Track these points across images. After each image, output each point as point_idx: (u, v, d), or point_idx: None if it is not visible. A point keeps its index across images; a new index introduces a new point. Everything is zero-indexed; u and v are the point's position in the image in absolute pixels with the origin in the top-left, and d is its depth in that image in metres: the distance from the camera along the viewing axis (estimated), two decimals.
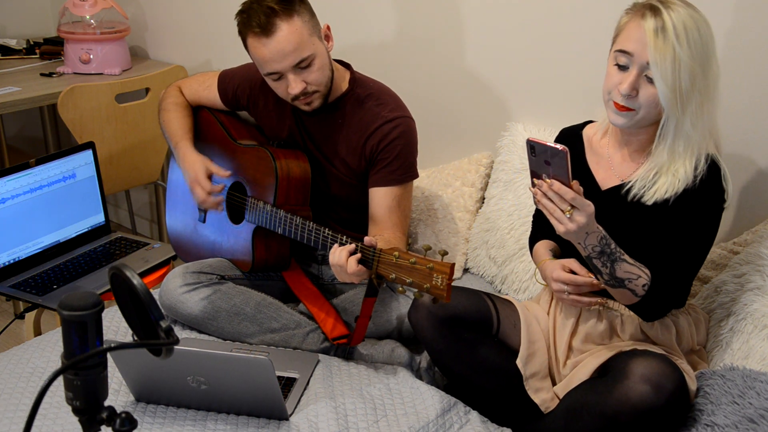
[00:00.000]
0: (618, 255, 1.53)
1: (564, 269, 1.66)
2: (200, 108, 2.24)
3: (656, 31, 1.48)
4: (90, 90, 2.67)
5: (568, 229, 1.48)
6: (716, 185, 1.56)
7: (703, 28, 1.50)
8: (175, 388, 1.63)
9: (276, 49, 1.81)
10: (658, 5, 1.50)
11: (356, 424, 1.65)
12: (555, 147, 1.41)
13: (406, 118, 1.97)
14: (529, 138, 1.45)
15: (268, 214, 1.95)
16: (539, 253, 1.81)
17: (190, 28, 3.21)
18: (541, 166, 1.46)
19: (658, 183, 1.58)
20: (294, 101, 1.91)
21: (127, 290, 0.94)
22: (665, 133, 1.55)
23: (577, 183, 1.47)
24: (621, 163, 1.68)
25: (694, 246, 1.58)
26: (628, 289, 1.56)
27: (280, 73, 1.85)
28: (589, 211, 1.47)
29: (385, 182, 1.95)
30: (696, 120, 1.52)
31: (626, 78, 1.53)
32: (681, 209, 1.57)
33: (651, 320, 1.65)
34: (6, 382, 1.74)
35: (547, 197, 1.48)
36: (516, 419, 1.75)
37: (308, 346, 1.93)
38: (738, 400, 1.49)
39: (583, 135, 1.78)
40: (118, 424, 0.89)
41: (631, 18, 1.55)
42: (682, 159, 1.56)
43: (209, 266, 2.02)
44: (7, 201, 2.21)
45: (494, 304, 1.79)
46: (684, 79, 1.48)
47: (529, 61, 2.28)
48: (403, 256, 1.58)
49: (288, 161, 1.98)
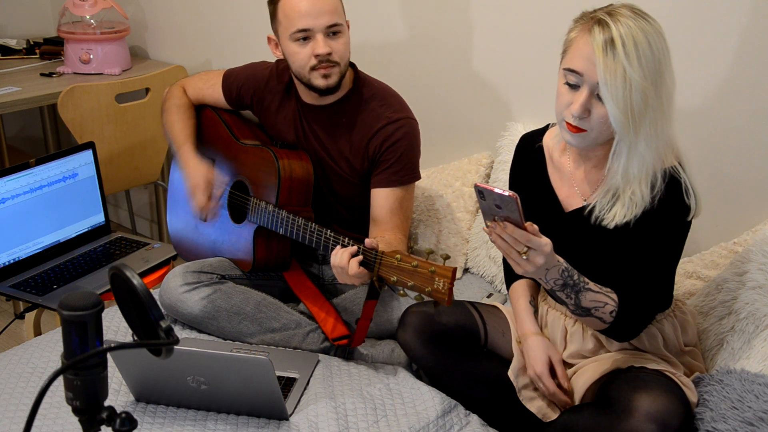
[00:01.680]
0: (582, 285, 1.48)
1: (549, 368, 1.64)
2: (204, 107, 2.23)
3: (605, 47, 1.39)
4: (90, 90, 2.67)
5: (525, 270, 1.42)
6: (677, 202, 1.49)
7: (654, 41, 1.41)
8: (175, 388, 1.63)
9: (316, 4, 1.82)
10: (605, 18, 1.41)
11: (356, 424, 1.65)
12: (504, 194, 1.33)
13: (410, 119, 1.97)
14: (476, 183, 1.37)
15: (269, 214, 1.95)
16: (519, 309, 1.75)
17: (190, 28, 3.21)
18: (493, 209, 1.39)
19: (615, 207, 1.52)
20: (313, 71, 1.88)
21: (127, 290, 0.94)
22: (618, 153, 1.47)
23: (530, 224, 1.39)
24: (582, 180, 1.62)
25: (660, 264, 1.54)
26: (596, 317, 1.51)
27: (310, 32, 1.85)
28: (546, 251, 1.39)
29: (388, 183, 1.94)
30: (650, 140, 1.44)
31: (577, 98, 1.45)
32: (643, 231, 1.51)
33: (624, 341, 1.60)
34: (6, 382, 1.74)
35: (501, 239, 1.40)
36: (514, 427, 1.74)
37: (308, 346, 1.93)
38: (737, 405, 1.48)
39: (544, 145, 1.71)
40: (118, 424, 0.89)
41: (578, 33, 1.46)
42: (637, 181, 1.48)
43: (209, 266, 2.02)
44: (7, 201, 2.21)
45: (480, 315, 1.79)
46: (636, 100, 1.40)
47: (529, 61, 2.27)
48: (404, 259, 1.58)
49: (291, 162, 1.98)
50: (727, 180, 1.96)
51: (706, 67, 1.92)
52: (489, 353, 1.79)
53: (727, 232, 1.96)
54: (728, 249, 1.90)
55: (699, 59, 1.93)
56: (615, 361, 1.62)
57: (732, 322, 1.70)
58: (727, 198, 1.97)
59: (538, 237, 1.40)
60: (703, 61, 1.92)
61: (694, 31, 1.92)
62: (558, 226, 1.46)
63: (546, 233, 1.43)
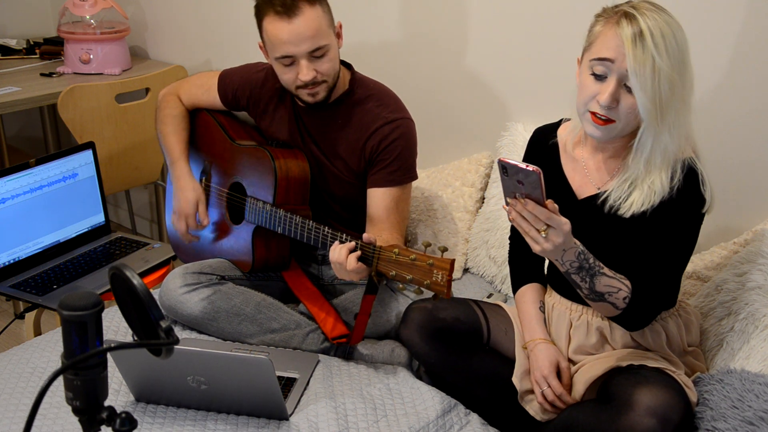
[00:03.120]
0: (597, 269, 1.49)
1: (556, 371, 1.64)
2: (198, 110, 2.23)
3: (634, 39, 1.42)
4: (90, 90, 2.67)
5: (543, 248, 1.43)
6: (695, 192, 1.51)
7: (678, 34, 1.45)
8: (175, 388, 1.63)
9: (296, 31, 1.80)
10: (632, 11, 1.44)
11: (356, 424, 1.65)
12: (527, 168, 1.34)
13: (407, 119, 1.97)
14: (500, 159, 1.37)
15: (267, 213, 1.95)
16: (529, 316, 1.74)
17: (190, 28, 3.21)
18: (514, 185, 1.40)
19: (633, 196, 1.53)
20: (299, 90, 1.90)
21: (127, 290, 0.94)
22: (642, 144, 1.49)
23: (551, 202, 1.40)
24: (596, 169, 1.64)
25: (674, 255, 1.54)
26: (609, 303, 1.52)
27: (294, 58, 1.84)
28: (565, 229, 1.41)
29: (384, 183, 1.95)
30: (674, 130, 1.47)
31: (605, 88, 1.46)
32: (659, 220, 1.53)
33: (634, 330, 1.61)
34: (6, 382, 1.74)
35: (521, 216, 1.42)
36: (513, 427, 1.74)
37: (308, 347, 1.93)
38: (737, 404, 1.48)
39: (558, 138, 1.72)
40: (118, 424, 0.89)
41: (605, 25, 1.48)
42: (658, 171, 1.50)
43: (209, 266, 2.02)
44: (7, 201, 2.21)
45: (483, 313, 1.79)
46: (664, 89, 1.43)
47: (529, 61, 2.28)
48: (403, 252, 1.58)
49: (287, 161, 1.98)
50: (727, 180, 1.96)
51: (705, 66, 1.92)
52: (491, 351, 1.78)
53: (727, 232, 1.96)
54: (728, 249, 1.90)
55: (699, 59, 1.92)
56: (616, 358, 1.62)
57: (732, 323, 1.70)
58: (727, 198, 1.96)
59: (558, 216, 1.41)
60: (702, 59, 1.92)
61: (694, 32, 1.92)
62: (572, 214, 1.46)
63: None
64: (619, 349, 1.65)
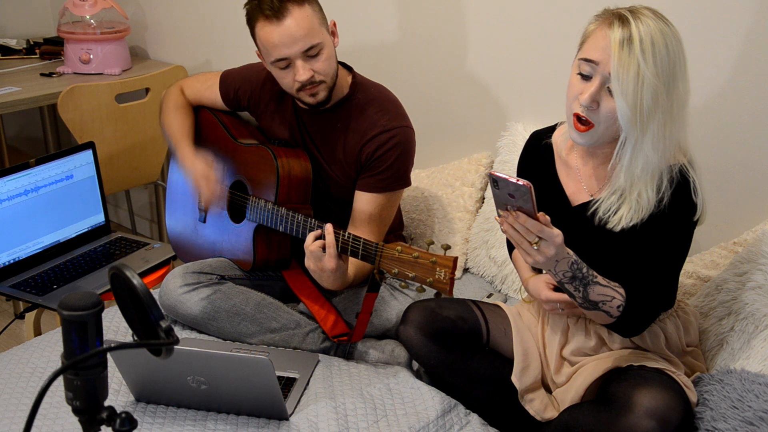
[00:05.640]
0: (590, 278, 1.48)
1: (549, 287, 1.64)
2: (201, 108, 2.24)
3: (622, 42, 1.40)
4: (90, 90, 2.67)
5: (536, 260, 1.43)
6: (686, 200, 1.50)
7: (672, 44, 1.42)
8: (175, 388, 1.63)
9: (287, 33, 1.80)
10: (627, 15, 1.43)
11: (356, 424, 1.65)
12: (518, 183, 1.34)
13: (405, 128, 1.96)
14: (491, 172, 1.37)
15: (269, 212, 1.96)
16: (520, 266, 1.78)
17: (190, 28, 3.21)
18: (506, 198, 1.40)
19: (621, 210, 1.52)
20: (299, 92, 1.89)
21: (127, 290, 0.94)
22: (622, 153, 1.47)
23: (543, 214, 1.40)
24: (589, 177, 1.63)
25: (667, 263, 1.54)
26: (603, 311, 1.51)
27: (289, 60, 1.84)
28: (557, 241, 1.41)
29: (370, 188, 1.95)
30: (657, 141, 1.44)
31: (587, 88, 1.46)
32: (650, 231, 1.52)
33: (630, 336, 1.60)
34: (6, 382, 1.74)
35: (513, 228, 1.42)
36: (513, 427, 1.74)
37: (308, 346, 1.93)
38: (737, 404, 1.48)
39: (553, 143, 1.72)
40: (118, 424, 0.89)
41: (598, 26, 1.47)
42: (642, 182, 1.49)
43: (209, 266, 2.02)
44: (7, 201, 2.21)
45: (482, 313, 1.79)
46: (646, 98, 1.40)
47: (529, 62, 2.28)
48: (405, 250, 1.58)
49: (289, 160, 1.98)
50: (727, 180, 1.96)
51: (706, 68, 1.93)
52: (490, 352, 1.79)
53: (727, 232, 1.96)
54: (728, 249, 1.90)
55: (699, 59, 1.92)
56: (616, 359, 1.62)
57: (732, 323, 1.70)
58: (727, 198, 1.97)
59: (550, 228, 1.40)
60: (703, 61, 1.92)
61: (693, 32, 1.92)
62: (565, 221, 1.46)
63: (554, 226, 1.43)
64: (618, 350, 1.65)
